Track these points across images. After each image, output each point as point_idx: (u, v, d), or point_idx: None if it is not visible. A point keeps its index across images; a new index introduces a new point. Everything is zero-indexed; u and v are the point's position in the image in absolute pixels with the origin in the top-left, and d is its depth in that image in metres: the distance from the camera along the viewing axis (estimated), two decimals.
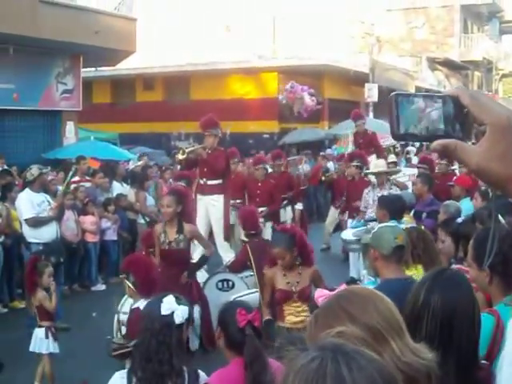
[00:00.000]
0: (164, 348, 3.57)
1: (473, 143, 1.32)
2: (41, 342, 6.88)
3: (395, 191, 10.03)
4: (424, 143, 1.47)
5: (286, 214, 13.09)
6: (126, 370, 3.68)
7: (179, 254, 7.56)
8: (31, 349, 6.92)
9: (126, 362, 5.14)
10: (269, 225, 11.99)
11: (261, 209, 11.79)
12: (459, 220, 5.74)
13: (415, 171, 12.36)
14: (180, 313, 3.67)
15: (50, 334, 6.88)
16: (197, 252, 10.69)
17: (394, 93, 1.37)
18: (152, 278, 6.20)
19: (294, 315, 6.15)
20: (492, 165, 1.27)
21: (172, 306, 3.68)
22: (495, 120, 1.27)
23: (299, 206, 13.82)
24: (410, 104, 1.34)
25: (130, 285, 5.93)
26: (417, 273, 4.71)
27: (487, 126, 1.27)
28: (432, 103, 1.34)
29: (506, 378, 1.36)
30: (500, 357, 1.51)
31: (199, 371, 3.78)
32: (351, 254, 11.02)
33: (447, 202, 7.99)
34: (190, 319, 3.86)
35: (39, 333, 6.89)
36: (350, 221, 11.78)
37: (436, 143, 1.32)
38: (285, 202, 13.13)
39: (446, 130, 1.33)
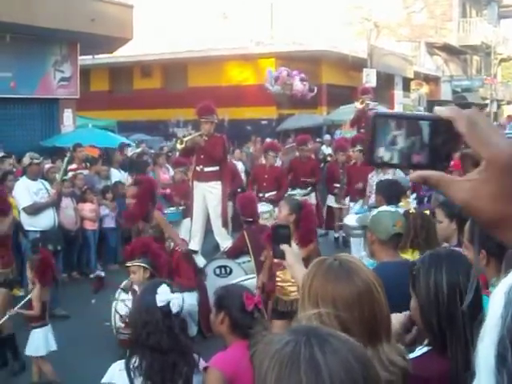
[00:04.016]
0: (171, 337, 3.57)
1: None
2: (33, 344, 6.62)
3: (399, 175, 9.99)
4: None
5: (310, 200, 12.86)
6: (123, 361, 3.60)
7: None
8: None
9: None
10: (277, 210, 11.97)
11: (267, 194, 11.81)
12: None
13: None
14: (177, 301, 3.64)
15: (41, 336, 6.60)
16: (194, 240, 10.75)
17: (373, 112, 1.20)
18: (166, 261, 6.21)
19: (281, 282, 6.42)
20: (482, 204, 1.11)
21: (167, 296, 3.64)
22: (494, 156, 1.09)
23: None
24: (390, 128, 1.17)
25: (148, 266, 5.79)
26: (412, 258, 4.70)
27: (483, 160, 1.10)
28: (416, 127, 1.16)
29: (485, 346, 1.36)
30: (482, 328, 1.51)
31: (195, 356, 3.78)
32: (352, 240, 11.01)
33: None
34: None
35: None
36: (351, 204, 11.78)
37: (416, 175, 1.16)
38: (309, 189, 13.03)
39: (430, 159, 1.16)
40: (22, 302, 6.75)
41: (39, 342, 6.50)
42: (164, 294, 3.65)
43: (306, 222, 6.22)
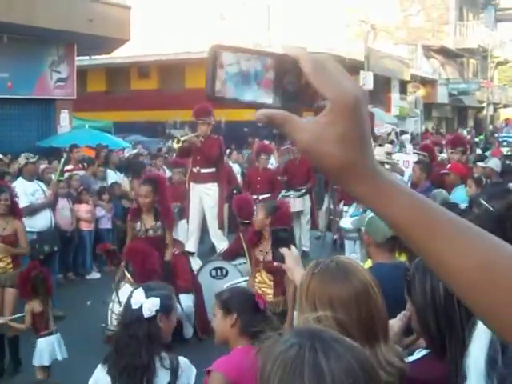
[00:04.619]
0: (134, 341, 3.58)
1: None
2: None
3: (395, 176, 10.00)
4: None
5: (305, 203, 12.89)
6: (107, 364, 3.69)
7: (157, 241, 7.62)
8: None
9: None
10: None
11: (261, 196, 11.81)
12: (462, 207, 5.70)
13: (409, 157, 12.46)
14: (147, 306, 3.63)
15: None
16: (190, 241, 10.75)
17: (214, 44, 1.11)
18: (149, 267, 6.20)
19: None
20: (325, 147, 1.05)
21: (139, 300, 3.66)
22: (339, 96, 1.03)
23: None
24: (233, 61, 1.07)
25: (128, 274, 5.92)
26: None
27: (328, 102, 1.04)
28: (262, 64, 1.07)
29: (476, 349, 1.37)
30: (475, 330, 1.52)
31: (180, 358, 3.76)
32: (347, 243, 11.02)
33: (435, 190, 7.99)
34: (169, 308, 3.78)
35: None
36: (345, 208, 11.78)
37: (261, 113, 1.09)
38: (303, 191, 13.02)
39: (276, 98, 1.08)
40: (19, 314, 6.71)
41: (42, 351, 6.44)
42: (136, 298, 3.69)
43: (279, 224, 6.22)
